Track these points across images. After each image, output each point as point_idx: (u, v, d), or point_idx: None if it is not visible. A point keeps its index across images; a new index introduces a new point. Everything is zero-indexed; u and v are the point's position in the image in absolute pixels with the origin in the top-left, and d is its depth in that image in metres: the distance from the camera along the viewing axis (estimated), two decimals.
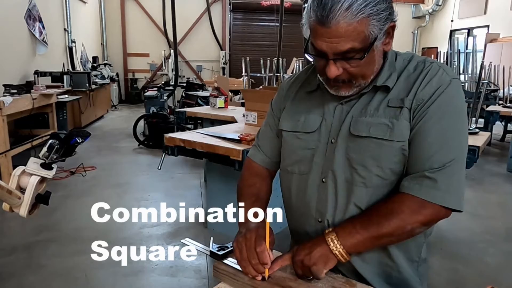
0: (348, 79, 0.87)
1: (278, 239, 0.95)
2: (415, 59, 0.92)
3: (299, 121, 0.99)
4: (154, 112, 6.30)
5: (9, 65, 5.39)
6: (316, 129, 0.96)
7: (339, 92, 0.91)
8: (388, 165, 0.88)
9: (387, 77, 0.90)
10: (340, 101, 0.94)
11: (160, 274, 2.45)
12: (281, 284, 0.86)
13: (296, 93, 1.05)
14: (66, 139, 0.98)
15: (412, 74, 0.90)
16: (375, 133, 0.87)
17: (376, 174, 0.88)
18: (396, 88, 0.90)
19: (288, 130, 1.01)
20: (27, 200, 0.93)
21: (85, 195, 3.82)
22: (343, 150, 0.91)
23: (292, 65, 8.66)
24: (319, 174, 0.95)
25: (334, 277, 0.92)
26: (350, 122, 0.91)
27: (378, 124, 0.87)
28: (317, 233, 0.95)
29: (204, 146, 2.51)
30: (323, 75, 0.89)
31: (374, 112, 0.89)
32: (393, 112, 0.87)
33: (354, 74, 0.86)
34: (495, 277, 2.53)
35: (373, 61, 0.86)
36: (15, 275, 2.43)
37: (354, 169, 0.90)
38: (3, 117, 3.83)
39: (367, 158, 0.88)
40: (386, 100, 0.89)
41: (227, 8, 12.01)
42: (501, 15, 9.62)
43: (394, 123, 0.86)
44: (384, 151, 0.87)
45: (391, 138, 0.86)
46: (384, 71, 0.90)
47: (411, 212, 0.83)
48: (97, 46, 11.04)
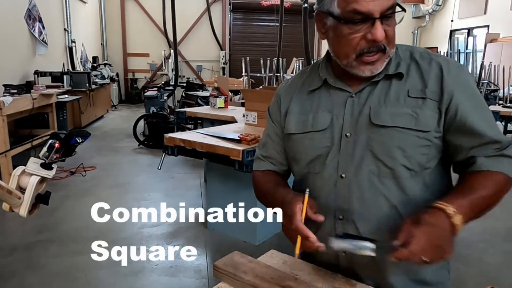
0: (386, 45, 0.85)
1: (278, 239, 0.95)
2: (416, 50, 0.93)
3: (307, 121, 0.96)
4: (154, 112, 6.30)
5: (9, 65, 5.39)
6: (327, 126, 0.93)
7: (375, 68, 0.87)
8: (414, 155, 0.87)
9: (396, 65, 0.90)
10: (350, 94, 0.92)
11: (160, 274, 2.45)
12: (281, 284, 0.86)
13: (297, 95, 1.01)
14: (66, 139, 0.98)
15: (422, 64, 0.90)
16: (400, 122, 0.86)
17: (402, 164, 0.87)
18: (411, 78, 0.89)
19: (296, 132, 0.98)
20: (27, 200, 0.93)
21: (85, 195, 3.82)
22: (364, 142, 0.89)
23: (292, 65, 8.66)
24: (336, 170, 0.92)
25: (334, 277, 0.92)
26: (369, 113, 0.89)
27: (401, 114, 0.86)
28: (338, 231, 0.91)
29: (204, 146, 2.51)
30: (356, 50, 0.85)
31: (394, 102, 0.88)
32: (415, 102, 0.87)
33: (390, 38, 0.85)
34: (495, 277, 2.53)
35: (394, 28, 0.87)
36: (15, 275, 2.43)
37: (379, 160, 0.88)
38: (3, 117, 3.83)
39: (393, 148, 0.87)
40: (405, 91, 0.88)
41: (227, 8, 12.01)
42: (501, 15, 9.62)
43: (418, 112, 0.86)
44: (410, 140, 0.86)
45: (416, 128, 0.86)
46: (392, 60, 0.90)
47: (504, 185, 0.87)
48: (97, 46, 11.04)
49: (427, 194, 0.90)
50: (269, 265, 0.94)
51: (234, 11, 12.10)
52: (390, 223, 0.88)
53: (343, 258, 0.95)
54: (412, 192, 0.89)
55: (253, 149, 2.41)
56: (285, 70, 6.83)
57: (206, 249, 2.79)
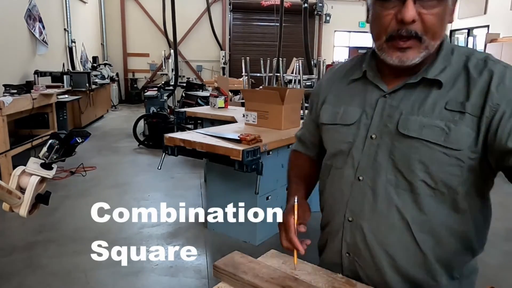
0: (421, 32, 0.77)
1: (278, 239, 0.95)
2: (475, 56, 0.82)
3: (338, 113, 0.93)
4: (154, 112, 6.30)
5: (9, 65, 5.39)
6: (354, 121, 0.89)
7: (405, 57, 0.79)
8: (439, 173, 0.79)
9: (440, 71, 0.81)
10: (383, 94, 0.86)
11: (160, 274, 2.45)
12: (281, 284, 0.86)
13: (337, 84, 0.98)
14: (66, 139, 0.98)
15: (473, 74, 0.79)
16: (427, 135, 0.78)
17: (422, 179, 0.80)
18: (454, 88, 0.80)
19: (327, 123, 0.96)
20: (27, 200, 0.93)
21: (85, 195, 3.82)
22: (387, 149, 0.84)
23: (292, 65, 8.66)
24: (354, 171, 0.88)
25: (334, 277, 0.91)
26: (398, 119, 0.82)
27: (432, 126, 0.78)
28: (346, 232, 0.91)
29: (204, 146, 2.51)
30: (387, 31, 0.79)
31: (428, 111, 0.79)
32: (451, 115, 0.78)
33: (428, 24, 0.76)
34: (495, 277, 2.53)
35: (444, 19, 0.78)
36: (15, 275, 2.43)
37: (399, 171, 0.82)
38: (3, 117, 3.83)
39: (414, 161, 0.80)
40: (443, 102, 0.79)
41: (227, 8, 12.00)
42: (501, 15, 9.62)
43: (451, 127, 0.77)
44: (436, 157, 0.79)
45: (445, 144, 0.77)
46: (438, 63, 0.82)
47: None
48: (97, 46, 11.04)
49: (452, 219, 0.83)
50: (269, 265, 0.94)
51: (234, 11, 12.10)
52: (399, 237, 0.85)
53: (346, 258, 0.95)
54: (432, 213, 0.82)
55: (253, 149, 2.41)
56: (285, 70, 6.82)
57: (206, 249, 2.79)
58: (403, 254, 0.86)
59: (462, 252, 0.87)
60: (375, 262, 0.89)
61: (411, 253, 0.85)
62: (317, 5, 11.75)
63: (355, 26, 12.74)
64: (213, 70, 12.10)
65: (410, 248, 0.85)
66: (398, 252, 0.86)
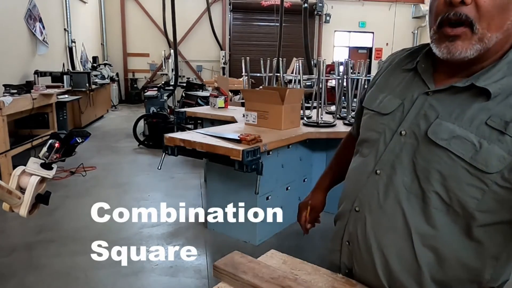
0: (473, 17, 0.69)
1: (278, 239, 0.95)
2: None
3: (378, 100, 0.90)
4: (154, 112, 6.30)
5: (9, 65, 5.39)
6: (390, 112, 0.85)
7: (454, 48, 0.72)
8: (456, 190, 0.73)
9: (496, 80, 0.72)
10: (427, 91, 0.81)
11: (160, 274, 2.45)
12: (281, 284, 0.86)
13: (391, 69, 0.94)
14: (66, 139, 0.98)
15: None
16: (454, 147, 0.72)
17: (435, 191, 0.75)
18: (505, 103, 0.70)
19: (366, 107, 0.95)
20: (27, 200, 0.93)
21: (85, 195, 3.82)
22: (412, 149, 0.79)
23: (292, 65, 8.65)
24: (375, 163, 0.85)
25: (334, 277, 0.91)
26: (432, 121, 0.77)
27: (463, 138, 0.71)
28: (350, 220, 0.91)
29: (204, 146, 2.51)
30: (440, 13, 0.73)
31: (466, 122, 0.72)
32: (489, 132, 0.70)
33: (483, 8, 0.69)
34: None
35: (507, 8, 0.69)
36: (15, 275, 2.43)
37: (416, 176, 0.78)
38: (3, 117, 3.83)
39: (433, 170, 0.75)
40: (486, 115, 0.71)
41: (227, 8, 12.00)
42: None
43: (483, 144, 0.70)
44: (457, 172, 0.72)
45: (471, 161, 0.71)
46: (496, 69, 0.73)
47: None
48: (97, 46, 11.04)
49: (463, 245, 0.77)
50: (269, 265, 0.94)
51: (234, 11, 12.10)
52: (397, 242, 0.82)
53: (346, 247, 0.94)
54: (440, 229, 0.77)
55: (253, 149, 2.41)
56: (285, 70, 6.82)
57: (206, 249, 2.79)
58: (397, 260, 0.83)
59: (466, 282, 0.80)
60: (369, 258, 0.87)
61: (406, 261, 0.82)
62: (317, 5, 11.75)
63: (355, 26, 12.75)
64: (213, 70, 12.10)
65: (406, 257, 0.82)
66: (393, 256, 0.83)
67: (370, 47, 13.10)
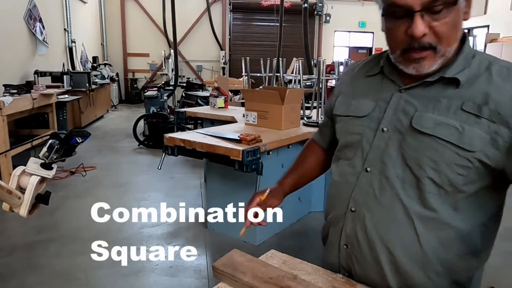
0: (434, 42, 0.77)
1: (278, 239, 0.95)
2: (498, 63, 0.82)
3: (352, 105, 0.95)
4: (154, 112, 6.30)
5: (9, 65, 5.39)
6: (366, 114, 0.90)
7: (421, 68, 0.80)
8: (447, 172, 0.80)
9: (459, 71, 0.81)
10: (399, 89, 0.87)
11: (160, 274, 2.45)
12: (280, 284, 0.86)
13: (355, 78, 1.00)
14: (66, 139, 0.98)
15: (496, 80, 0.78)
16: (441, 133, 0.79)
17: (430, 177, 0.81)
18: (472, 89, 0.79)
19: (340, 114, 0.99)
20: (27, 200, 0.93)
21: (85, 195, 3.82)
22: (398, 143, 0.84)
23: (292, 65, 8.65)
24: (363, 162, 0.89)
25: (334, 277, 0.92)
26: (413, 114, 0.83)
27: (446, 124, 0.79)
28: (347, 222, 0.92)
29: (204, 146, 2.51)
30: (401, 44, 0.80)
31: (444, 110, 0.80)
32: (466, 117, 0.78)
33: (440, 34, 0.76)
34: (495, 277, 2.52)
35: (458, 24, 0.78)
36: (15, 275, 2.43)
37: (407, 166, 0.83)
38: (3, 117, 3.83)
39: (425, 157, 0.81)
40: (459, 101, 0.79)
41: (227, 8, 12.00)
42: (501, 15, 9.62)
43: (465, 128, 0.78)
44: (447, 155, 0.79)
45: (458, 144, 0.78)
46: (457, 64, 0.82)
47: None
48: (97, 46, 11.03)
49: (456, 219, 0.83)
50: (268, 264, 0.94)
51: (234, 11, 12.10)
52: (401, 232, 0.85)
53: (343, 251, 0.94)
54: (436, 211, 0.82)
55: (253, 149, 2.41)
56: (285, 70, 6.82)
57: (206, 249, 2.79)
58: (403, 251, 0.85)
59: (466, 255, 0.85)
60: (373, 255, 0.88)
61: (411, 250, 0.84)
62: (317, 5, 11.74)
63: (355, 26, 12.75)
64: (213, 70, 12.09)
65: (412, 246, 0.84)
66: (398, 249, 0.85)
67: (370, 47, 13.10)
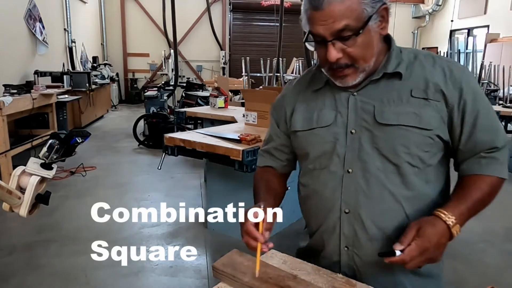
0: (350, 62, 0.88)
1: (278, 239, 0.95)
2: (420, 53, 0.96)
3: (313, 119, 0.99)
4: (154, 112, 6.30)
5: (9, 65, 5.39)
6: (331, 122, 0.96)
7: (346, 82, 0.91)
8: (417, 152, 0.90)
9: (396, 65, 0.92)
10: (351, 92, 0.94)
11: (160, 274, 2.45)
12: (280, 284, 0.86)
13: (303, 94, 1.04)
14: (66, 139, 0.98)
15: (427, 66, 0.92)
16: (404, 121, 0.89)
17: (406, 160, 0.90)
18: (414, 78, 0.91)
19: (302, 129, 1.01)
20: (27, 200, 0.93)
21: (85, 195, 3.82)
22: (369, 139, 0.92)
23: (292, 65, 8.66)
24: (342, 166, 0.94)
25: (334, 277, 0.92)
26: (373, 111, 0.91)
27: (405, 113, 0.89)
28: (344, 225, 0.94)
29: (204, 146, 2.51)
30: (325, 64, 0.90)
31: (398, 101, 0.90)
32: (418, 102, 0.89)
33: (354, 56, 0.87)
34: (495, 277, 2.53)
35: (371, 43, 0.88)
36: (15, 275, 2.43)
37: (384, 157, 0.91)
38: (3, 117, 3.83)
39: (397, 145, 0.89)
40: (408, 90, 0.90)
41: (227, 8, 12.00)
42: (501, 15, 9.62)
43: (421, 112, 0.89)
44: (414, 138, 0.89)
45: (420, 126, 0.88)
46: (392, 60, 0.92)
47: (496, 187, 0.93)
48: (97, 46, 11.03)
49: (429, 189, 0.94)
50: (268, 264, 0.94)
51: (234, 11, 12.10)
52: (395, 218, 0.92)
53: (345, 253, 0.97)
54: (416, 189, 0.91)
55: (253, 149, 2.41)
56: (285, 70, 6.83)
57: (206, 249, 2.79)
58: (399, 234, 0.88)
59: None
60: (374, 248, 0.92)
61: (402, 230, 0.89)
62: None
63: None
64: (213, 70, 12.09)
65: (405, 227, 0.88)
66: (394, 233, 0.91)
67: None
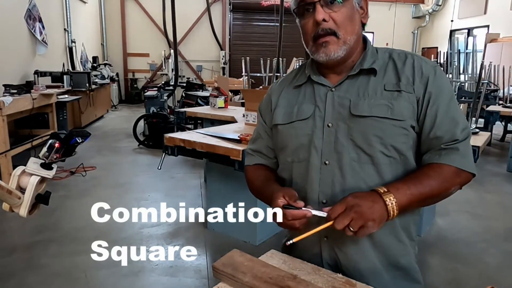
0: (334, 28, 0.94)
1: (278, 239, 0.95)
2: (395, 51, 1.02)
3: (293, 112, 1.04)
4: (154, 112, 6.30)
5: (9, 65, 5.39)
6: (310, 115, 1.00)
7: (329, 52, 0.95)
8: (391, 142, 0.94)
9: (372, 62, 0.99)
10: (330, 88, 1.00)
11: (160, 274, 2.45)
12: (280, 284, 0.86)
13: (286, 90, 1.10)
14: (66, 139, 0.98)
15: (398, 63, 0.99)
16: (376, 112, 0.93)
17: (380, 150, 0.94)
18: (388, 74, 0.98)
19: (283, 123, 1.05)
20: (27, 200, 0.93)
21: (85, 195, 3.82)
22: (345, 131, 0.96)
23: (292, 65, 8.65)
24: (320, 158, 0.98)
25: (334, 277, 0.92)
26: (349, 105, 0.96)
27: (378, 105, 0.94)
28: None
29: (204, 146, 2.51)
30: (311, 34, 0.96)
31: (372, 95, 0.96)
32: (391, 94, 0.95)
33: (338, 21, 0.94)
34: (495, 277, 2.53)
35: (354, 18, 0.96)
36: (15, 275, 2.43)
37: (359, 148, 0.95)
38: (3, 117, 3.83)
39: (371, 136, 0.93)
40: (382, 85, 0.97)
41: (227, 8, 12.01)
42: (501, 15, 9.62)
43: (393, 103, 0.94)
44: (386, 129, 0.93)
45: (392, 117, 0.93)
46: (368, 57, 1.00)
47: (452, 177, 0.93)
48: (97, 46, 11.04)
49: None
50: (268, 264, 0.94)
51: (234, 11, 12.10)
52: None
53: (325, 244, 0.98)
54: (390, 178, 0.95)
55: None
56: (285, 70, 6.82)
57: (206, 249, 2.79)
58: None
59: (413, 211, 1.00)
60: (351, 237, 0.91)
61: None
62: None
63: None
64: (213, 70, 12.10)
65: None
66: None
67: None
